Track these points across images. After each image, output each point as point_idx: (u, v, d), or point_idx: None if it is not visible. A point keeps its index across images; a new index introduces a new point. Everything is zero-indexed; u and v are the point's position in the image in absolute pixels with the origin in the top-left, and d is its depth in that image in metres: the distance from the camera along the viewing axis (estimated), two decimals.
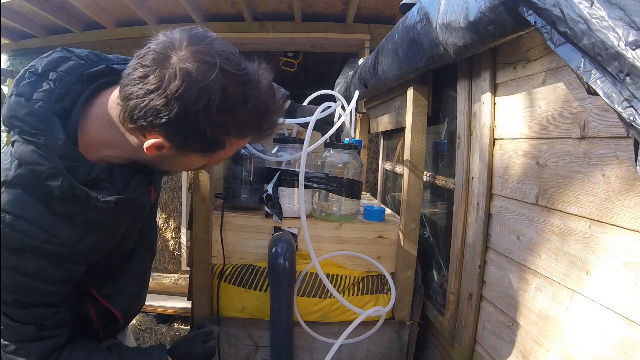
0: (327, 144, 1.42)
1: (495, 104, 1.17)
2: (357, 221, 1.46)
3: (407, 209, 1.41)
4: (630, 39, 0.49)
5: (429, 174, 1.65)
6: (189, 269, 1.61)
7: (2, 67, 3.45)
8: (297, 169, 1.35)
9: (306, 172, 1.30)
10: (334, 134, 1.34)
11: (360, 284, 1.43)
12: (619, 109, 0.51)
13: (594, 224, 0.79)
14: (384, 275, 1.43)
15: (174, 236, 3.54)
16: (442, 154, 1.61)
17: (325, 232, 1.41)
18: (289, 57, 3.83)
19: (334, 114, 1.35)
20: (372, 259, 1.42)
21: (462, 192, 1.31)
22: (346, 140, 1.41)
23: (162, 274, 3.48)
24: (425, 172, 1.54)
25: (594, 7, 0.53)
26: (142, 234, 0.97)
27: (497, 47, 1.11)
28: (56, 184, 0.67)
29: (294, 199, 1.40)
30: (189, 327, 2.64)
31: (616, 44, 0.50)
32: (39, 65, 0.71)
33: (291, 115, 1.34)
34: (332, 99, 1.53)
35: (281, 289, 1.30)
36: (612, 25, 0.51)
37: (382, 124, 2.16)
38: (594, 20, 0.53)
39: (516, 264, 1.06)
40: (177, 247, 3.54)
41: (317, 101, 1.42)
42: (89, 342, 0.87)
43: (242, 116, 0.66)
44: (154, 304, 3.14)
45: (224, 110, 0.64)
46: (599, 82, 0.55)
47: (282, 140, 1.44)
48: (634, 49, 0.48)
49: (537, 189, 0.98)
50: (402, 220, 1.43)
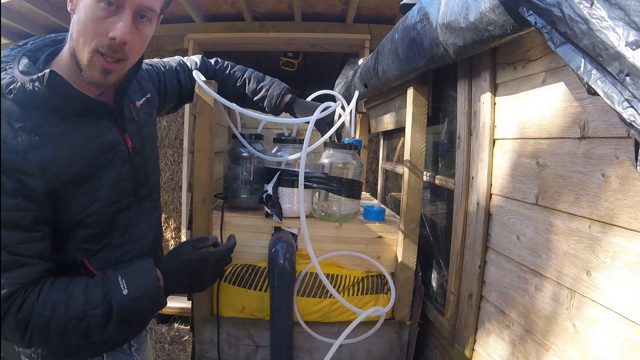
0: (327, 144, 1.42)
1: (495, 104, 1.17)
2: (357, 221, 1.46)
3: (407, 209, 1.41)
4: (630, 39, 0.49)
5: (429, 174, 1.65)
6: None
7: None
8: (297, 169, 1.35)
9: (306, 172, 1.30)
10: (334, 134, 1.35)
11: (360, 284, 1.43)
12: (619, 109, 0.51)
13: (594, 224, 0.79)
14: (384, 275, 1.43)
15: (174, 236, 3.54)
16: (442, 154, 1.61)
17: (325, 232, 1.41)
18: (289, 57, 3.84)
19: (334, 114, 1.35)
20: (372, 259, 1.42)
21: (462, 192, 1.31)
22: (346, 140, 1.41)
23: None
24: (425, 172, 1.54)
25: (594, 7, 0.53)
26: (143, 209, 0.97)
27: (497, 47, 1.11)
28: (13, 86, 0.74)
29: (294, 199, 1.40)
30: (189, 327, 2.64)
31: (616, 44, 0.50)
32: (23, 41, 0.85)
33: (292, 109, 1.34)
34: (332, 98, 1.53)
35: (281, 289, 1.30)
36: (613, 25, 0.51)
37: (382, 124, 2.16)
38: (594, 20, 0.53)
39: (516, 264, 1.06)
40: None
41: (317, 101, 1.42)
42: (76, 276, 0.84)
43: None
44: None
45: None
46: (599, 82, 0.55)
47: (282, 140, 1.44)
48: (634, 49, 0.48)
49: (537, 189, 0.98)
50: (402, 220, 1.43)
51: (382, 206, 1.66)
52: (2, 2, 2.75)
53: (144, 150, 0.98)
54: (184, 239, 3.47)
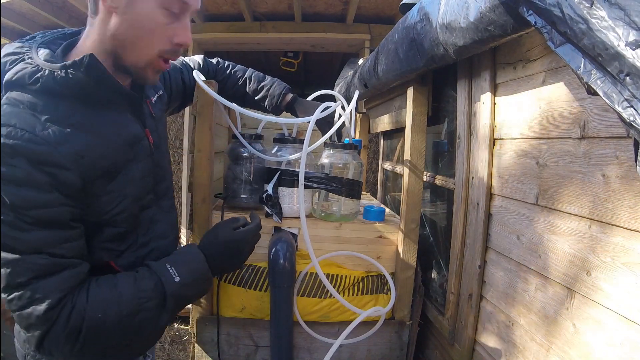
0: (327, 144, 1.42)
1: (495, 104, 1.17)
2: (357, 221, 1.46)
3: (407, 209, 1.41)
4: (630, 39, 0.49)
5: (429, 174, 1.65)
6: None
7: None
8: (297, 169, 1.35)
9: (306, 172, 1.30)
10: (334, 134, 1.35)
11: (360, 284, 1.43)
12: (619, 109, 0.51)
13: (594, 224, 0.79)
14: (384, 275, 1.43)
15: None
16: (442, 154, 1.61)
17: (325, 232, 1.41)
18: (289, 57, 3.83)
19: (334, 114, 1.35)
20: (372, 259, 1.42)
21: (462, 192, 1.31)
22: (346, 140, 1.41)
23: None
24: (425, 172, 1.54)
25: (594, 7, 0.53)
26: (161, 207, 0.94)
27: (497, 47, 1.11)
28: (39, 74, 0.71)
29: (294, 199, 1.40)
30: (188, 327, 2.64)
31: (616, 44, 0.50)
32: (29, 35, 0.82)
33: (293, 108, 1.34)
34: (332, 98, 1.53)
35: (281, 289, 1.30)
36: (612, 25, 0.51)
37: (382, 124, 2.16)
38: (594, 20, 0.53)
39: (516, 264, 1.06)
40: (177, 247, 3.54)
41: (317, 101, 1.42)
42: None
43: None
44: None
45: None
46: (599, 82, 0.55)
47: (282, 140, 1.44)
48: (634, 49, 0.48)
49: (537, 189, 0.98)
50: (402, 220, 1.43)
51: (382, 206, 1.66)
52: (2, 2, 2.75)
53: (161, 146, 0.97)
54: (184, 239, 3.47)
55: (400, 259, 1.43)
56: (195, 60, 1.33)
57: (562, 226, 0.89)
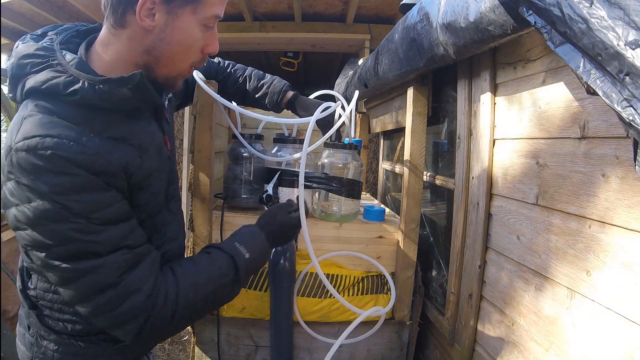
0: (327, 144, 1.42)
1: (495, 104, 1.17)
2: (357, 221, 1.46)
3: (407, 209, 1.41)
4: (629, 39, 0.49)
5: (429, 174, 1.65)
6: None
7: (2, 67, 3.45)
8: (297, 169, 1.35)
9: (306, 172, 1.29)
10: (334, 134, 1.34)
11: (360, 284, 1.43)
12: (619, 109, 0.51)
13: (594, 224, 0.79)
14: (384, 275, 1.43)
15: None
16: (442, 154, 1.61)
17: (325, 232, 1.41)
18: (289, 57, 3.83)
19: (334, 114, 1.35)
20: (372, 259, 1.42)
21: (462, 192, 1.31)
22: (346, 140, 1.41)
23: None
24: (425, 172, 1.54)
25: (593, 6, 0.53)
26: (171, 210, 0.95)
27: (497, 47, 1.11)
28: (77, 86, 0.69)
29: (294, 199, 1.39)
30: (188, 327, 2.64)
31: (616, 43, 0.50)
32: (37, 31, 0.78)
33: (294, 106, 1.34)
34: (332, 98, 1.53)
35: (281, 289, 1.30)
36: (612, 25, 0.51)
37: (382, 124, 2.16)
38: (593, 20, 0.53)
39: (516, 264, 1.06)
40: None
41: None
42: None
43: None
44: None
45: None
46: (598, 81, 0.55)
47: (282, 140, 1.44)
48: (633, 49, 0.48)
49: (537, 189, 0.98)
50: (402, 220, 1.43)
51: (382, 206, 1.66)
52: (2, 2, 2.75)
53: (173, 150, 0.98)
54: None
55: (400, 259, 1.43)
56: None
57: (562, 226, 0.89)
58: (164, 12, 0.72)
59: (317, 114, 1.19)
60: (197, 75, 1.23)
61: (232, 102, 1.31)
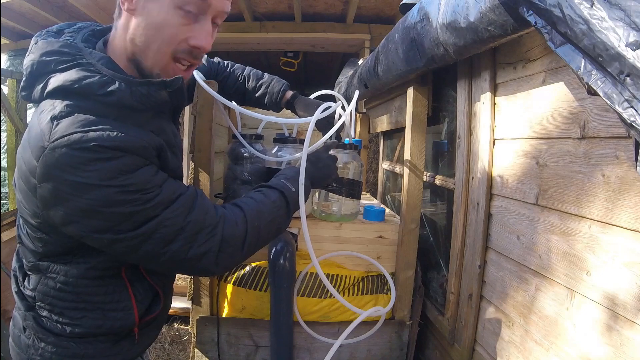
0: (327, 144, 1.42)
1: (495, 104, 1.17)
2: (357, 221, 1.46)
3: (407, 209, 1.41)
4: (630, 40, 0.49)
5: (429, 174, 1.65)
6: None
7: (2, 67, 3.45)
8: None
9: None
10: (334, 134, 1.34)
11: (360, 284, 1.43)
12: (620, 110, 0.51)
13: (594, 224, 0.79)
14: (384, 275, 1.43)
15: None
16: (442, 154, 1.61)
17: (325, 232, 1.41)
18: (289, 57, 3.84)
19: (334, 114, 1.34)
20: (372, 259, 1.42)
21: (462, 192, 1.31)
22: (346, 140, 1.41)
23: None
24: (425, 172, 1.54)
25: (594, 7, 0.53)
26: None
27: (497, 47, 1.11)
28: (114, 87, 0.69)
29: None
30: (188, 327, 2.64)
31: (617, 44, 0.50)
32: (52, 27, 0.78)
33: (293, 106, 1.34)
34: (332, 99, 1.53)
35: (281, 289, 1.30)
36: (613, 26, 0.51)
37: (382, 124, 2.16)
38: (594, 20, 0.53)
39: (516, 264, 1.06)
40: None
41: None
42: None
43: None
44: None
45: None
46: (599, 82, 0.55)
47: (282, 140, 1.44)
48: (634, 50, 0.48)
49: (537, 189, 0.98)
50: (402, 220, 1.43)
51: (382, 206, 1.66)
52: (2, 2, 2.75)
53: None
54: None
55: (400, 259, 1.43)
56: None
57: (562, 226, 0.89)
58: None
59: (318, 114, 1.19)
60: (198, 75, 1.23)
61: (232, 102, 1.31)
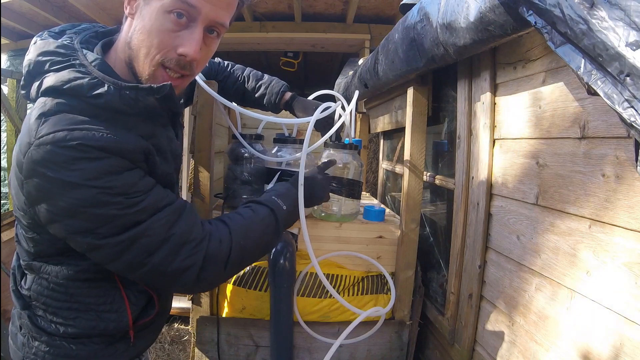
0: (327, 144, 1.42)
1: (495, 104, 1.17)
2: (357, 221, 1.46)
3: (407, 209, 1.41)
4: (630, 40, 0.49)
5: (429, 174, 1.65)
6: None
7: (2, 67, 3.45)
8: (297, 169, 1.35)
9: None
10: (334, 134, 1.34)
11: (360, 284, 1.43)
12: (620, 110, 0.51)
13: (594, 224, 0.79)
14: (384, 275, 1.43)
15: None
16: (442, 154, 1.61)
17: (325, 232, 1.41)
18: (289, 57, 3.84)
19: (334, 114, 1.34)
20: (372, 259, 1.42)
21: (462, 192, 1.31)
22: (346, 140, 1.41)
23: None
24: (425, 172, 1.54)
25: (594, 7, 0.53)
26: None
27: (497, 47, 1.11)
28: (102, 90, 0.68)
29: None
30: (188, 327, 2.64)
31: (617, 44, 0.50)
32: (54, 28, 0.77)
33: (292, 107, 1.34)
34: (332, 98, 1.53)
35: (281, 289, 1.30)
36: (613, 25, 0.51)
37: (382, 124, 2.16)
38: (594, 20, 0.53)
39: (516, 264, 1.06)
40: None
41: (318, 101, 1.42)
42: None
43: None
44: None
45: None
46: (599, 82, 0.55)
47: (282, 140, 1.44)
48: (634, 50, 0.48)
49: (537, 189, 0.98)
50: (402, 220, 1.43)
51: (382, 206, 1.66)
52: (2, 2, 2.75)
53: (181, 151, 0.98)
54: None
55: (400, 259, 1.43)
56: None
57: (562, 226, 0.89)
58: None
59: (318, 114, 1.19)
60: (198, 75, 1.23)
61: (232, 102, 1.31)
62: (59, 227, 0.69)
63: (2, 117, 3.66)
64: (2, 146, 3.72)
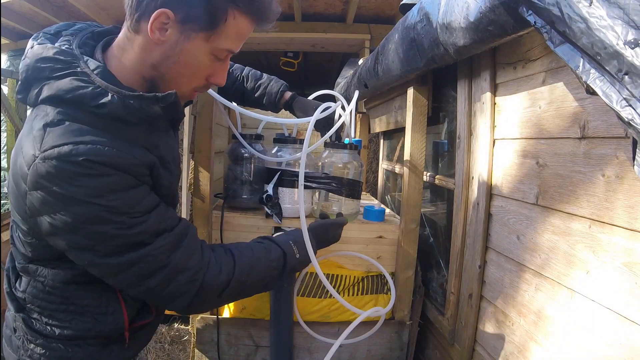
0: (327, 144, 1.42)
1: (495, 104, 1.17)
2: (357, 221, 1.46)
3: (407, 209, 1.41)
4: (629, 38, 0.49)
5: (429, 174, 1.65)
6: None
7: (2, 67, 3.45)
8: (297, 169, 1.35)
9: (306, 172, 1.29)
10: (334, 134, 1.34)
11: (360, 284, 1.43)
12: (618, 108, 0.51)
13: (594, 224, 0.79)
14: (384, 275, 1.43)
15: None
16: (442, 154, 1.61)
17: None
18: (289, 57, 3.84)
19: (334, 114, 1.34)
20: (372, 259, 1.42)
21: (462, 192, 1.31)
22: (346, 140, 1.41)
23: None
24: (425, 172, 1.54)
25: (592, 6, 0.53)
26: None
27: (497, 47, 1.11)
28: (106, 99, 0.68)
29: (294, 199, 1.40)
30: (188, 327, 2.64)
31: (615, 42, 0.50)
32: (50, 28, 0.76)
33: (291, 107, 1.34)
34: (332, 98, 1.53)
35: (281, 289, 1.30)
36: (611, 24, 0.50)
37: (382, 124, 2.16)
38: (592, 19, 0.53)
39: (516, 264, 1.06)
40: None
41: (318, 101, 1.42)
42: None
43: None
44: None
45: None
46: (597, 81, 0.55)
47: (282, 140, 1.44)
48: (632, 48, 0.48)
49: (537, 189, 0.98)
50: (402, 220, 1.43)
51: (382, 206, 1.66)
52: (2, 2, 2.75)
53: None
54: None
55: (400, 259, 1.43)
56: None
57: (562, 226, 0.89)
58: (177, 31, 0.71)
59: (318, 114, 1.19)
60: None
61: (232, 102, 1.31)
62: (60, 240, 0.69)
63: (2, 117, 3.66)
64: (2, 146, 3.72)
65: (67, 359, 0.80)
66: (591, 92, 0.56)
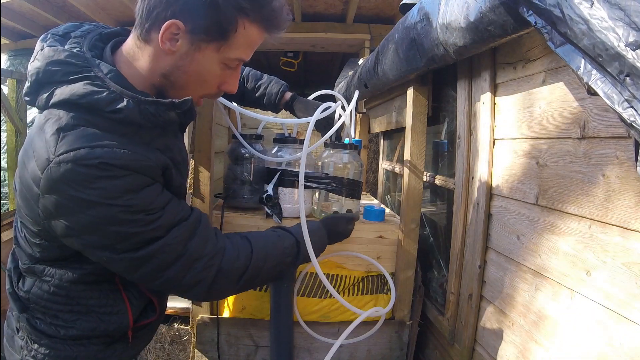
0: (327, 144, 1.42)
1: (495, 104, 1.17)
2: (357, 221, 1.46)
3: (407, 209, 1.41)
4: (630, 40, 0.49)
5: (429, 174, 1.65)
6: None
7: (2, 67, 3.45)
8: (297, 169, 1.35)
9: (306, 172, 1.29)
10: (334, 134, 1.34)
11: (360, 284, 1.43)
12: (619, 110, 0.51)
13: (594, 224, 0.79)
14: (384, 275, 1.43)
15: None
16: (442, 154, 1.61)
17: None
18: (289, 57, 3.84)
19: (334, 114, 1.34)
20: (372, 259, 1.42)
21: (462, 192, 1.31)
22: (346, 140, 1.41)
23: None
24: (425, 172, 1.54)
25: (594, 7, 0.53)
26: None
27: (497, 47, 1.11)
28: (122, 104, 0.68)
29: (294, 199, 1.40)
30: (188, 327, 2.64)
31: (616, 44, 0.50)
32: (58, 29, 0.76)
33: (292, 107, 1.34)
34: (332, 98, 1.53)
35: (281, 289, 1.30)
36: (613, 25, 0.51)
37: (382, 124, 2.16)
38: (594, 20, 0.53)
39: (516, 264, 1.06)
40: None
41: (318, 101, 1.42)
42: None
43: None
44: None
45: None
46: (599, 82, 0.55)
47: (282, 140, 1.44)
48: (634, 50, 0.48)
49: (537, 189, 0.98)
50: (402, 220, 1.43)
51: (382, 206, 1.66)
52: (2, 2, 2.75)
53: None
54: None
55: (400, 259, 1.43)
56: None
57: (562, 226, 0.89)
58: (188, 41, 0.71)
59: (318, 114, 1.19)
60: None
61: (232, 102, 1.31)
62: (76, 241, 0.70)
63: (2, 117, 3.66)
64: (2, 146, 3.72)
65: (72, 358, 0.80)
66: (593, 93, 0.56)
